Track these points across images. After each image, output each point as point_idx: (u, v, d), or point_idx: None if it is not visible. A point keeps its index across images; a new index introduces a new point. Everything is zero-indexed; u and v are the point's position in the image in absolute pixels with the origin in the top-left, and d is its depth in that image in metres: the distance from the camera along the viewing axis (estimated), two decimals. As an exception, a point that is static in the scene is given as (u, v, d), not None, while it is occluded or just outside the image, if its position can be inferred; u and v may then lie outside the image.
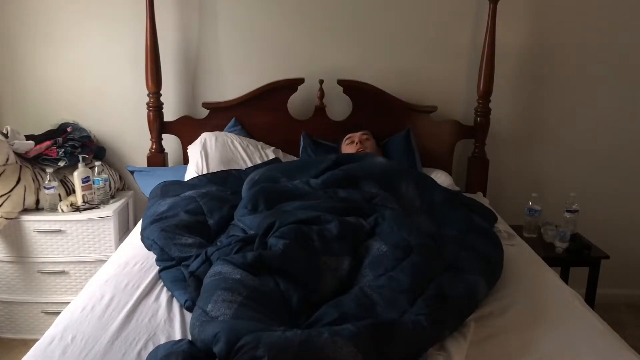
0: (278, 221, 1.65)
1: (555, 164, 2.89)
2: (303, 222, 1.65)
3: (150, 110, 2.64)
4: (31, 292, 2.50)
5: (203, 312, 1.32)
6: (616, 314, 2.87)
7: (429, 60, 2.75)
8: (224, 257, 1.52)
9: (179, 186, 2.21)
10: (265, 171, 2.12)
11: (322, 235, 1.59)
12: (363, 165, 2.12)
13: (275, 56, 2.74)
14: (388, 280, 1.46)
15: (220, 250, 1.61)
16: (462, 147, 2.79)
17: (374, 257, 1.57)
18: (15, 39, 2.69)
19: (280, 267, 1.48)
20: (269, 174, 2.09)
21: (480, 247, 1.75)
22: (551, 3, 2.71)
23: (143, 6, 2.51)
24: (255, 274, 1.45)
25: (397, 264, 1.51)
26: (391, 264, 1.52)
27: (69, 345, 1.34)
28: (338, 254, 1.56)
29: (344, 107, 2.72)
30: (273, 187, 1.98)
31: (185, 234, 1.80)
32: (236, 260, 1.48)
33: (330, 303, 1.40)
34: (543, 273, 1.86)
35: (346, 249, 1.59)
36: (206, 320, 1.28)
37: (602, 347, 1.39)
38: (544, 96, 2.81)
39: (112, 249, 2.45)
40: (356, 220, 1.72)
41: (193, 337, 1.27)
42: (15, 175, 2.39)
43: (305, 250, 1.54)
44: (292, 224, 1.62)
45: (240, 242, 1.62)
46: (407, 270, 1.48)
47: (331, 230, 1.62)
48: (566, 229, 2.52)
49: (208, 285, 1.42)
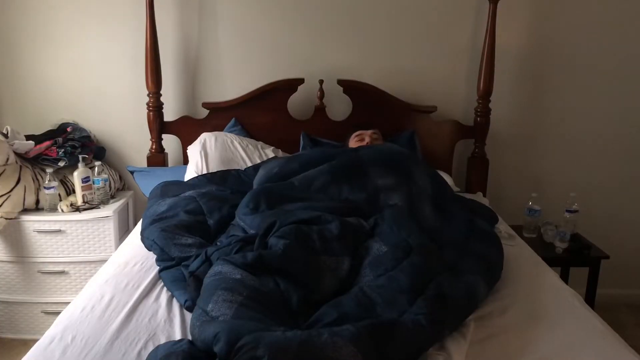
0: (279, 221, 1.65)
1: (555, 164, 2.89)
2: (304, 222, 1.65)
3: (150, 110, 2.64)
4: (31, 292, 2.50)
5: (203, 312, 1.32)
6: (616, 314, 2.86)
7: (429, 60, 2.75)
8: (224, 257, 1.52)
9: (179, 186, 2.21)
10: (284, 163, 2.12)
11: (322, 236, 1.59)
12: (374, 150, 2.12)
13: (275, 56, 2.74)
14: (388, 280, 1.46)
15: (220, 250, 1.61)
16: (462, 147, 2.79)
17: (374, 257, 1.57)
18: (15, 39, 2.69)
19: (280, 267, 1.48)
20: (288, 168, 2.09)
21: (481, 249, 1.75)
22: (551, 3, 2.71)
23: (143, 6, 2.51)
24: (256, 274, 1.45)
25: (397, 264, 1.51)
26: (391, 264, 1.52)
27: (68, 345, 1.34)
28: (338, 254, 1.56)
29: (344, 107, 2.72)
30: (275, 187, 1.98)
31: (185, 234, 1.80)
32: (236, 260, 1.48)
33: (330, 303, 1.40)
34: (543, 273, 1.86)
35: (346, 249, 1.59)
36: (206, 320, 1.28)
37: (602, 347, 1.39)
38: (544, 96, 2.81)
39: (112, 249, 2.45)
40: (357, 220, 1.72)
41: (193, 337, 1.27)
42: (15, 175, 2.39)
43: (305, 250, 1.54)
44: (292, 224, 1.62)
45: (240, 242, 1.62)
46: (407, 270, 1.48)
47: (332, 230, 1.62)
48: (566, 229, 2.52)
49: (208, 285, 1.42)
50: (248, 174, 2.27)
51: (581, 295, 1.77)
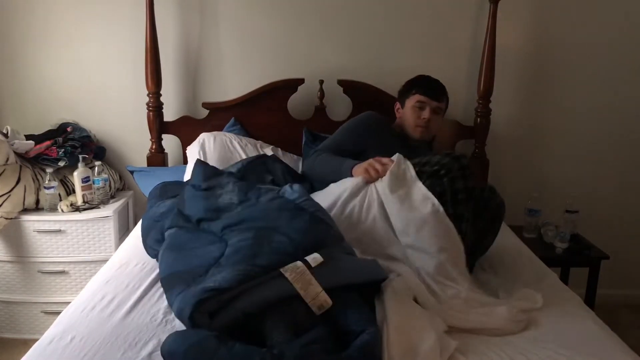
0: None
1: (555, 164, 2.89)
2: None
3: (150, 110, 2.64)
4: (31, 292, 2.50)
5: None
6: (616, 314, 2.86)
7: (429, 60, 2.75)
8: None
9: (177, 186, 2.20)
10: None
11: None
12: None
13: (275, 56, 2.74)
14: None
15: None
16: (462, 147, 2.79)
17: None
18: (15, 39, 2.68)
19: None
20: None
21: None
22: (551, 3, 2.71)
23: (143, 6, 2.51)
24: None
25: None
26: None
27: (68, 345, 1.34)
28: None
29: (344, 107, 2.72)
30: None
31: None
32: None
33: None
34: (543, 273, 1.86)
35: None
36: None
37: (602, 348, 1.39)
38: (544, 96, 2.81)
39: (112, 249, 2.45)
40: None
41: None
42: (15, 175, 2.39)
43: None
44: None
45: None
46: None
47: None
48: (566, 230, 2.52)
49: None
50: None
51: (581, 295, 1.78)
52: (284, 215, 1.61)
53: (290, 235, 1.53)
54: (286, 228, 1.56)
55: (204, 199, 1.77)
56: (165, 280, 1.52)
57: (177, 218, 1.77)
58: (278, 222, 1.58)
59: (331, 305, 1.33)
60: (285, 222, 1.58)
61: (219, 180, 1.87)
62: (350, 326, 1.32)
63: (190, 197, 1.82)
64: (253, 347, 1.20)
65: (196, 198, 1.79)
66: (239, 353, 1.18)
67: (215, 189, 1.81)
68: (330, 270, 1.41)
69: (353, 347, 1.24)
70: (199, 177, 1.90)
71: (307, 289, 1.32)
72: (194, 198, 1.80)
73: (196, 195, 1.80)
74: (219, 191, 1.79)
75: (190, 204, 1.78)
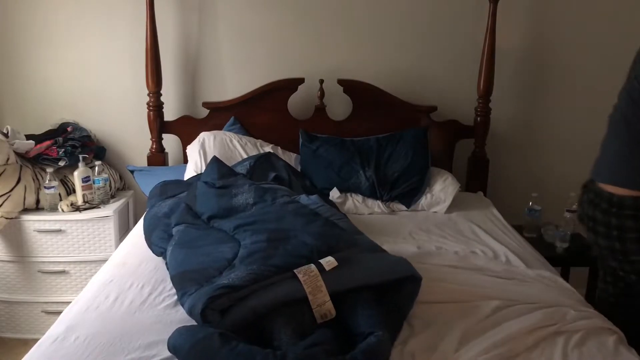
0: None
1: (555, 164, 2.89)
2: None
3: (150, 110, 2.64)
4: (31, 291, 2.50)
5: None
6: (616, 313, 2.86)
7: (429, 60, 2.75)
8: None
9: (177, 185, 2.21)
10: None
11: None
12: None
13: (275, 56, 2.74)
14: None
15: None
16: (462, 147, 2.79)
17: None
18: (15, 39, 2.68)
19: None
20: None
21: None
22: (551, 3, 2.71)
23: (143, 6, 2.51)
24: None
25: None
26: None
27: (71, 345, 1.34)
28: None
29: (344, 107, 2.72)
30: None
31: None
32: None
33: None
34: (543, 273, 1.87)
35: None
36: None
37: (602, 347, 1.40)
38: (544, 96, 2.82)
39: (112, 248, 2.45)
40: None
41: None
42: (15, 175, 2.38)
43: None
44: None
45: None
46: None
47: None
48: (566, 229, 2.52)
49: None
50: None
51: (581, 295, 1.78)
52: (299, 219, 1.64)
53: (305, 239, 1.55)
54: (301, 232, 1.57)
55: (218, 197, 1.77)
56: (176, 278, 1.53)
57: (186, 214, 1.77)
58: (293, 226, 1.60)
59: (334, 316, 1.34)
60: (300, 226, 1.60)
61: (235, 180, 1.88)
62: (359, 328, 1.32)
63: (202, 194, 1.82)
64: (256, 347, 1.20)
65: (209, 195, 1.79)
66: (241, 352, 1.18)
67: (231, 188, 1.82)
68: (345, 273, 1.41)
69: (358, 349, 1.24)
70: (213, 175, 1.90)
71: (315, 295, 1.33)
72: (207, 195, 1.80)
73: (210, 193, 1.81)
74: (234, 191, 1.81)
75: (203, 201, 1.79)
